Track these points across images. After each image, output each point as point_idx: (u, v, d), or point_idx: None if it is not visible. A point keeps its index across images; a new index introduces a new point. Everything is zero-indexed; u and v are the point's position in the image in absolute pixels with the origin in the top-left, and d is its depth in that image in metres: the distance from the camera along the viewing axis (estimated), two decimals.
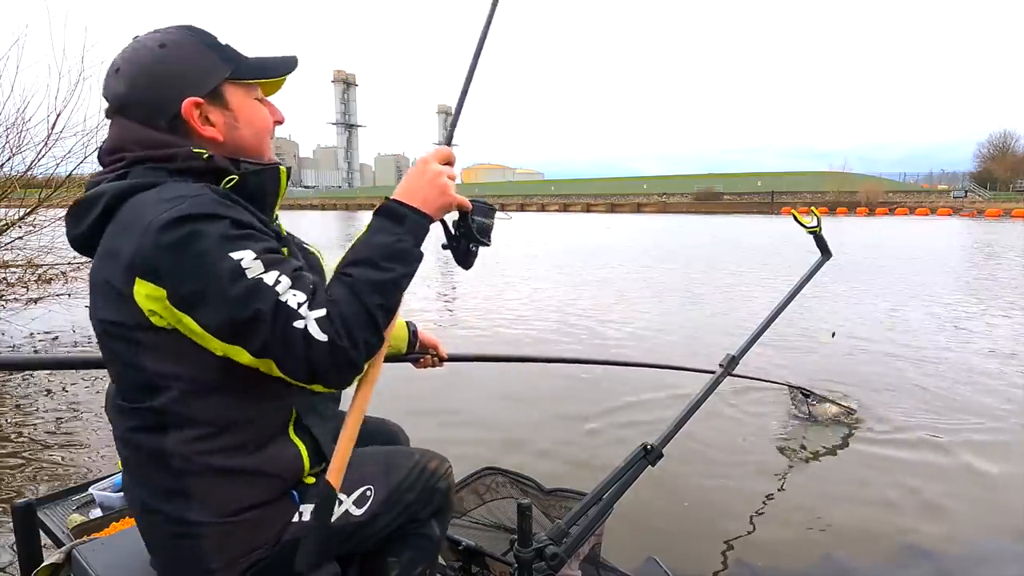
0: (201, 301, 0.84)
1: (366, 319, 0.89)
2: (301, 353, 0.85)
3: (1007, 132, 68.05)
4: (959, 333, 6.39)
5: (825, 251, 2.13)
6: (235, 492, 0.97)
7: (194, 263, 0.83)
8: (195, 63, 0.97)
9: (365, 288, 0.90)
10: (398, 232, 0.96)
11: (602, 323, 6.97)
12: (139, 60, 0.96)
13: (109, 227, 0.91)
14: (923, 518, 2.71)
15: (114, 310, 0.90)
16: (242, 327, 0.84)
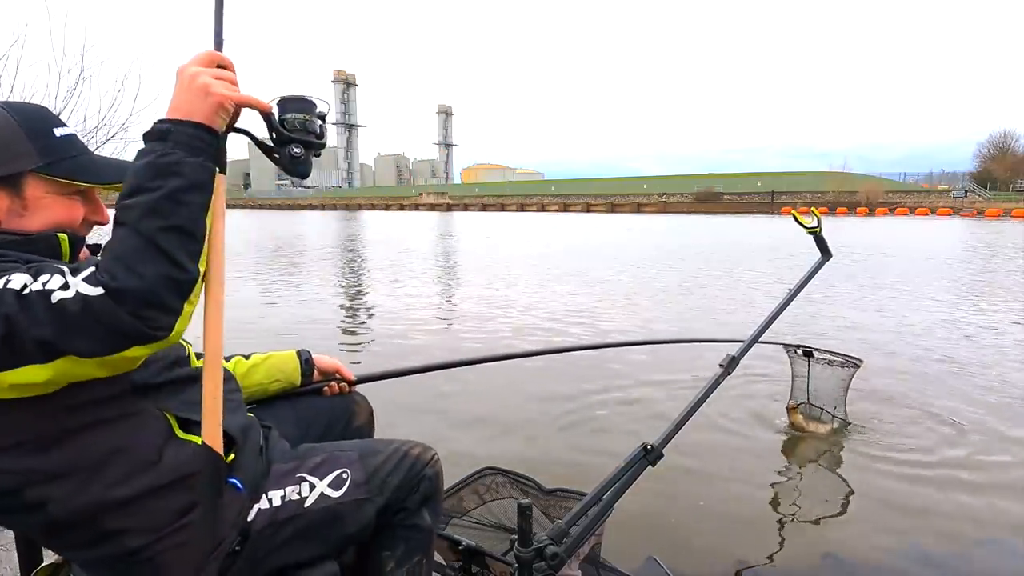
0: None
1: (151, 249, 0.78)
2: (83, 323, 0.75)
3: (1007, 132, 68.22)
4: (967, 331, 6.39)
5: (825, 251, 2.13)
6: (158, 508, 0.95)
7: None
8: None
9: (132, 215, 0.79)
10: (162, 147, 0.83)
11: (600, 322, 6.97)
12: None
13: None
14: (924, 518, 2.70)
15: None
16: (4, 343, 0.75)
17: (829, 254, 2.14)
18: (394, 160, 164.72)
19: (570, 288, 9.67)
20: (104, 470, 0.91)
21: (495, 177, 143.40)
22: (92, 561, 0.98)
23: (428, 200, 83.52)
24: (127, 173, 0.82)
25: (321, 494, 1.10)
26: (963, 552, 2.45)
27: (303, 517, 1.08)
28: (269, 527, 1.05)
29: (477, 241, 21.16)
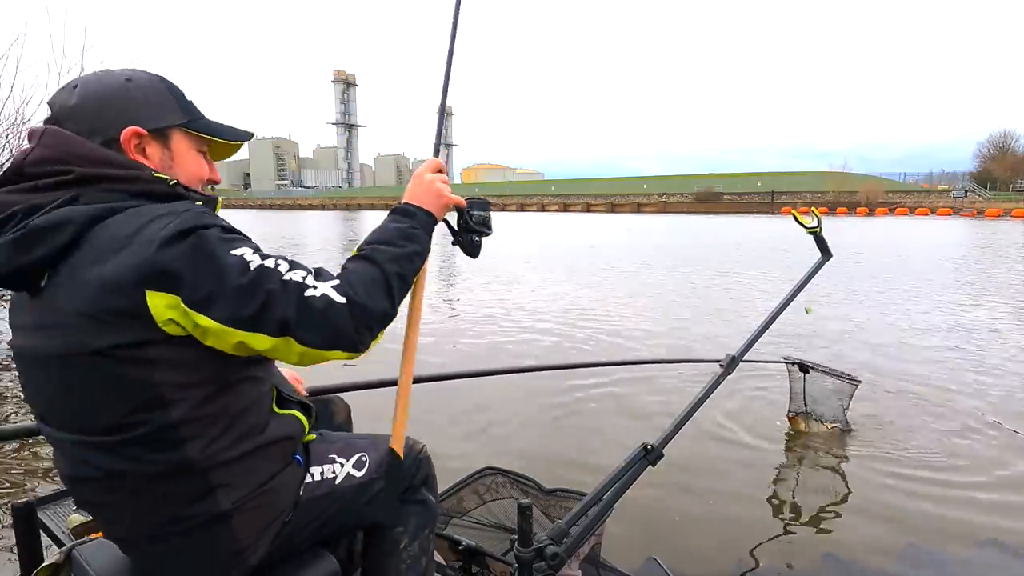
0: (216, 297, 0.87)
1: (383, 283, 0.99)
2: (319, 319, 0.91)
3: (1007, 132, 68.07)
4: (972, 332, 6.39)
5: (825, 251, 2.13)
6: (255, 469, 1.04)
7: (203, 266, 0.87)
8: (152, 101, 1.02)
9: (381, 257, 1.02)
10: (409, 222, 1.12)
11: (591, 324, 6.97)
12: (100, 83, 1.00)
13: (76, 255, 0.88)
14: (924, 518, 2.71)
15: (116, 334, 0.87)
16: (258, 312, 0.88)
17: (829, 254, 2.14)
18: (394, 160, 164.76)
19: (569, 288, 9.67)
20: (236, 424, 1.00)
21: (495, 177, 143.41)
22: (175, 520, 0.99)
23: None
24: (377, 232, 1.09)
25: (348, 474, 1.20)
26: (963, 554, 2.45)
27: (335, 494, 1.18)
28: (310, 501, 1.14)
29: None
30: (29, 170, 0.93)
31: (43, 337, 0.92)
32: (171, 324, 0.87)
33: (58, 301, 0.89)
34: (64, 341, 0.89)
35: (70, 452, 0.99)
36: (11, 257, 0.88)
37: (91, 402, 0.92)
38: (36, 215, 0.89)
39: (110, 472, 0.95)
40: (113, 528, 1.06)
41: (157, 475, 0.95)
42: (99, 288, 0.86)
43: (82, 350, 0.88)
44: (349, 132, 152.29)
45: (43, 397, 0.98)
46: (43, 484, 2.92)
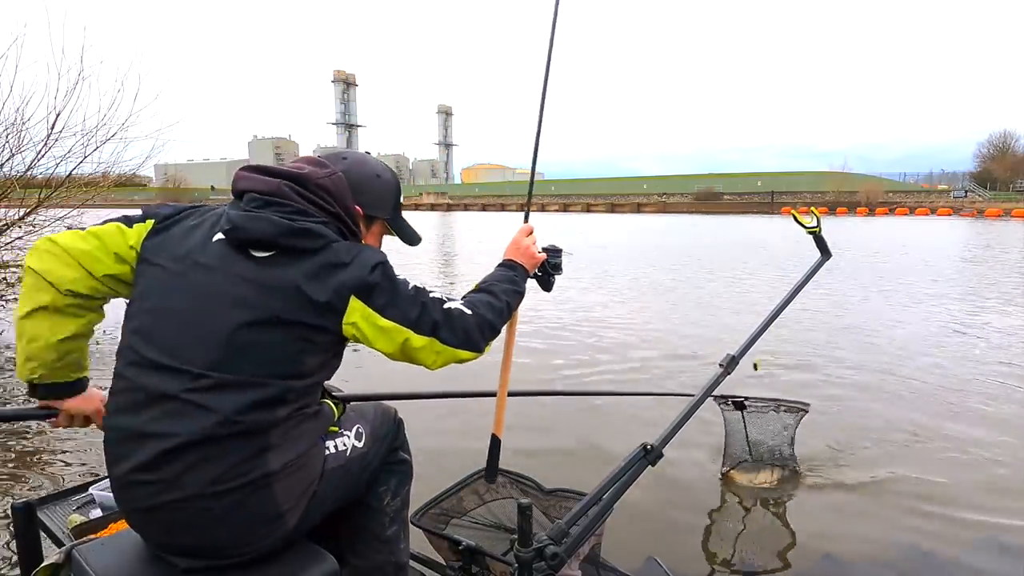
0: (393, 304, 1.18)
1: (496, 306, 1.35)
2: (456, 324, 1.24)
3: (1007, 132, 67.98)
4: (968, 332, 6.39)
5: (825, 251, 2.13)
6: (300, 436, 1.18)
7: (387, 284, 1.18)
8: (378, 198, 1.37)
9: (495, 289, 1.40)
10: (513, 273, 1.50)
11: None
12: (362, 165, 1.36)
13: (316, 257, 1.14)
14: (924, 518, 2.71)
15: (302, 313, 1.11)
16: (418, 315, 1.19)
17: (829, 254, 2.13)
18: (394, 160, 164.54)
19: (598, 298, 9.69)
20: (309, 392, 1.19)
21: (495, 177, 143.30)
22: (233, 476, 1.08)
23: (428, 200, 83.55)
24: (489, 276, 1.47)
25: (353, 445, 1.35)
26: (968, 554, 2.45)
27: (347, 464, 1.32)
28: (331, 471, 1.27)
29: (473, 243, 21.14)
30: (313, 188, 1.22)
31: (236, 285, 1.11)
32: (350, 326, 1.15)
33: (277, 274, 1.12)
34: (265, 300, 1.10)
35: (175, 393, 1.07)
36: (279, 232, 1.13)
37: (258, 347, 1.10)
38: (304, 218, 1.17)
39: (206, 418, 1.06)
40: (165, 491, 1.07)
41: (240, 430, 1.08)
42: (315, 281, 1.12)
43: (268, 312, 1.10)
44: (349, 132, 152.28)
45: (190, 335, 1.10)
46: (43, 484, 2.92)
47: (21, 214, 5.94)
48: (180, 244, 1.18)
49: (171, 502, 1.07)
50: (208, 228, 1.19)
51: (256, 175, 1.21)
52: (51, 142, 5.66)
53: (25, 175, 5.84)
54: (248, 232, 1.13)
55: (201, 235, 1.19)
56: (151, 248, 1.20)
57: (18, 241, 6.04)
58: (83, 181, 6.26)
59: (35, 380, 1.23)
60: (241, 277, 1.12)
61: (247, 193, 1.19)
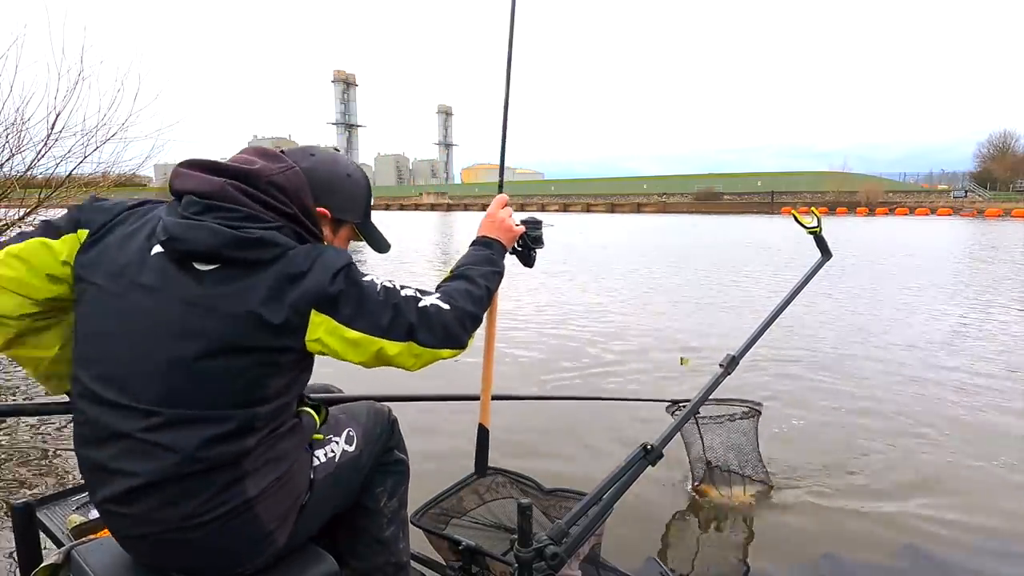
0: (360, 313, 1.07)
1: (475, 295, 1.23)
2: (433, 322, 1.12)
3: (1007, 132, 67.95)
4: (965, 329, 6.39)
5: (825, 251, 2.12)
6: (281, 458, 1.12)
7: (356, 291, 1.07)
8: (348, 200, 1.26)
9: (471, 274, 1.28)
10: (489, 251, 1.38)
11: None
12: (332, 164, 1.24)
13: (269, 269, 1.02)
14: (925, 517, 2.71)
15: (259, 336, 1.01)
16: (390, 320, 1.09)
17: (829, 254, 2.13)
18: (394, 160, 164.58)
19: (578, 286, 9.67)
20: (276, 419, 1.11)
21: (495, 177, 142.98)
22: (208, 508, 1.03)
23: (428, 200, 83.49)
24: (464, 257, 1.35)
25: (343, 450, 1.31)
26: (971, 551, 2.45)
27: (338, 471, 1.28)
28: (321, 481, 1.23)
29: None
30: (264, 186, 1.08)
31: (182, 310, 1.00)
32: (315, 342, 1.05)
33: (226, 293, 1.00)
34: (215, 327, 0.99)
35: (128, 431, 1.00)
36: (223, 243, 1.00)
37: (213, 378, 1.00)
38: (254, 224, 1.04)
39: (165, 458, 0.99)
40: (140, 524, 1.04)
41: (206, 467, 1.01)
42: (278, 300, 1.01)
43: (233, 341, 1.00)
44: (349, 132, 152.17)
45: (134, 368, 1.01)
46: (43, 484, 2.92)
47: (21, 214, 5.94)
48: (116, 258, 1.05)
49: (149, 534, 1.04)
50: (145, 238, 1.05)
51: (196, 172, 1.07)
52: (51, 142, 5.68)
53: (25, 175, 5.83)
54: (187, 243, 1.00)
55: (137, 246, 1.05)
56: (85, 264, 1.07)
57: None
58: (83, 181, 6.26)
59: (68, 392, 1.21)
60: (185, 300, 1.00)
61: (186, 195, 1.05)
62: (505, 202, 1.50)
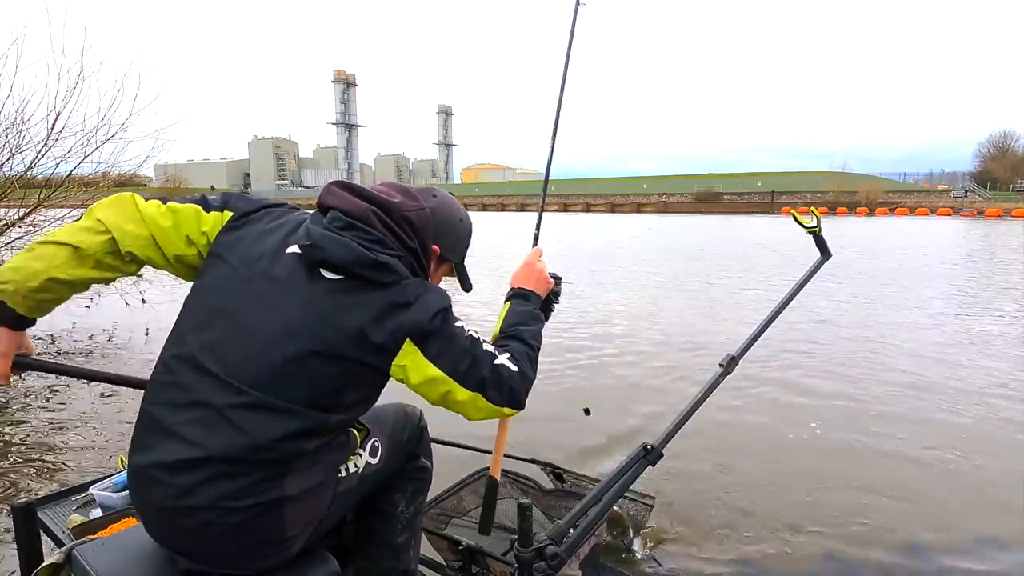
0: (446, 353, 1.14)
1: (533, 357, 1.30)
2: (505, 382, 1.19)
3: (1007, 132, 67.83)
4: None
5: (825, 252, 2.12)
6: (322, 467, 1.16)
7: (448, 333, 1.15)
8: (456, 241, 1.37)
9: (526, 335, 1.33)
10: (531, 305, 1.43)
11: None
12: (449, 208, 1.35)
13: (384, 293, 1.12)
14: (928, 517, 2.71)
15: (357, 350, 1.09)
16: (467, 368, 1.15)
17: (829, 254, 2.13)
18: (394, 160, 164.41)
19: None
20: (343, 425, 1.18)
21: (495, 177, 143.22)
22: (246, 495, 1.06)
23: None
24: (511, 314, 1.39)
25: (367, 463, 1.31)
26: (972, 547, 2.45)
27: (361, 485, 1.29)
28: (343, 495, 1.24)
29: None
30: (399, 219, 1.20)
31: (300, 308, 1.09)
32: (397, 367, 1.13)
33: (343, 303, 1.10)
34: (324, 331, 1.08)
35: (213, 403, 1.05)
36: (355, 260, 1.10)
37: (306, 376, 1.08)
38: (382, 249, 1.14)
39: (237, 438, 1.04)
40: (176, 496, 1.04)
41: (266, 458, 1.05)
42: (383, 323, 1.10)
43: (334, 347, 1.08)
44: (349, 132, 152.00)
45: (242, 347, 1.08)
46: (43, 484, 2.92)
47: (21, 214, 5.94)
48: (252, 247, 1.16)
49: (180, 508, 1.05)
50: (283, 236, 1.17)
51: (346, 194, 1.19)
52: (51, 142, 5.66)
53: (25, 175, 5.83)
54: (326, 253, 1.10)
55: (273, 242, 1.16)
56: (224, 244, 1.18)
57: (18, 241, 6.04)
58: (83, 181, 6.25)
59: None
60: (307, 300, 1.09)
61: (332, 210, 1.16)
62: (541, 253, 1.58)
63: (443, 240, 1.31)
